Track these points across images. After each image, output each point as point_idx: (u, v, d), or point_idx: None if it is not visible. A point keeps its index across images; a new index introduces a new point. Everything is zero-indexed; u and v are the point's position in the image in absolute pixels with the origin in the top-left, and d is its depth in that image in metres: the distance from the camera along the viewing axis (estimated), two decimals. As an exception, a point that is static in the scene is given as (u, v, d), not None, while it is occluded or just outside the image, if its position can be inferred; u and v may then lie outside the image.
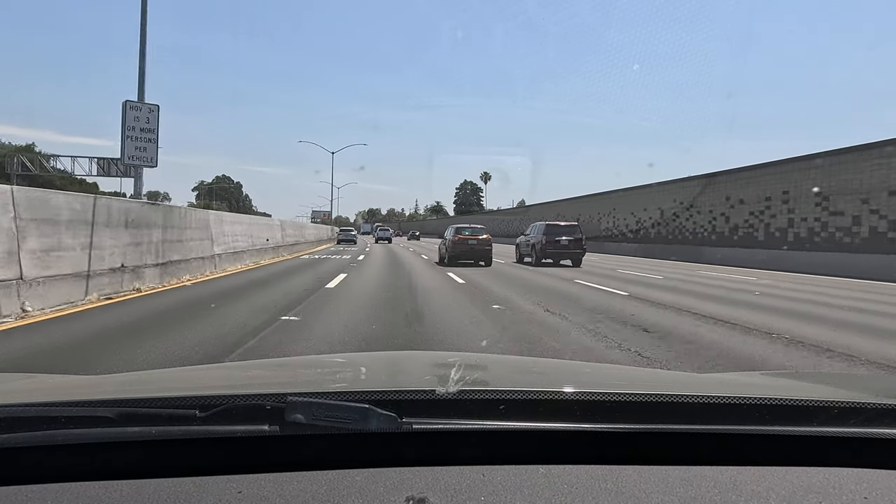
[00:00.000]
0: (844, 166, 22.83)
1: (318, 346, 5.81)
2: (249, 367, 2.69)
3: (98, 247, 9.20)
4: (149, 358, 5.09)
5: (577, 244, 22.78)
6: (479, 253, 20.94)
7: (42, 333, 6.31)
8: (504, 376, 1.89)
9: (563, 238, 22.63)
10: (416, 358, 2.73)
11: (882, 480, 1.07)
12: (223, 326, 6.81)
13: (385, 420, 1.07)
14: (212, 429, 1.07)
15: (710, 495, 1.00)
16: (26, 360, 5.16)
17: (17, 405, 1.17)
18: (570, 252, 22.63)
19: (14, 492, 0.97)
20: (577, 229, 23.66)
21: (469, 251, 20.91)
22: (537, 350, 5.94)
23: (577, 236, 23.02)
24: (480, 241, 21.16)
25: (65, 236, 8.39)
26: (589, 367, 3.03)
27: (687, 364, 5.41)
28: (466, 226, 22.80)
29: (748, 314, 8.88)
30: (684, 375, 2.45)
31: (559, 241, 22.54)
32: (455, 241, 20.98)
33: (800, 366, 5.52)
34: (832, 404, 1.22)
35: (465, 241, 21.04)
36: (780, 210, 26.44)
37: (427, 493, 0.97)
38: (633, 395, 1.26)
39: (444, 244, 22.15)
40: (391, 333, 6.56)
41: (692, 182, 34.21)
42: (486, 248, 21.04)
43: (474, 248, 20.96)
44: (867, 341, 6.78)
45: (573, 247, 22.72)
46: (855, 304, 10.89)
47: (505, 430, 1.13)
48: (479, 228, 22.28)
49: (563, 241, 22.53)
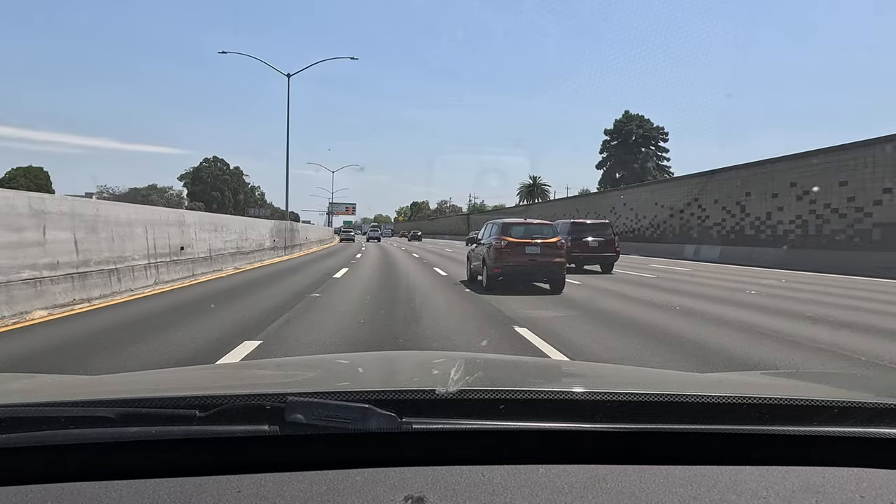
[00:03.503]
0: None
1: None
2: (249, 367, 2.69)
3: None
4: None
5: (609, 246, 18.50)
6: (544, 268, 12.51)
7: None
8: (504, 376, 1.89)
9: (591, 238, 18.91)
10: (415, 358, 2.73)
11: (881, 480, 1.07)
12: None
13: (385, 420, 1.07)
14: (212, 429, 1.07)
15: (710, 495, 1.00)
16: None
17: (17, 405, 1.17)
18: (600, 256, 18.54)
19: (14, 492, 0.97)
20: (607, 229, 19.53)
21: (529, 266, 12.36)
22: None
23: (609, 236, 19.17)
24: (548, 247, 12.49)
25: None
26: (589, 367, 3.04)
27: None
28: (521, 221, 14.11)
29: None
30: (684, 375, 2.45)
31: (586, 241, 18.75)
32: (504, 249, 12.23)
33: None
34: (832, 404, 1.22)
35: (519, 249, 12.30)
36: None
37: (426, 493, 0.97)
38: (633, 395, 1.26)
39: (480, 253, 13.40)
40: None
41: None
42: (557, 260, 12.53)
43: (537, 262, 12.38)
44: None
45: (604, 249, 18.58)
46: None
47: (505, 430, 1.13)
48: (544, 227, 13.54)
49: (590, 243, 18.75)
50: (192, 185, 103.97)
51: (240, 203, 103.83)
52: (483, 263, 12.93)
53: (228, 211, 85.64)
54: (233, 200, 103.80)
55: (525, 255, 12.26)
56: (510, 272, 12.29)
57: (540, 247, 12.38)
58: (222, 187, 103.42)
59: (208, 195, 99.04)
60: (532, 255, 12.32)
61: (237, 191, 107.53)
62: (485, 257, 12.77)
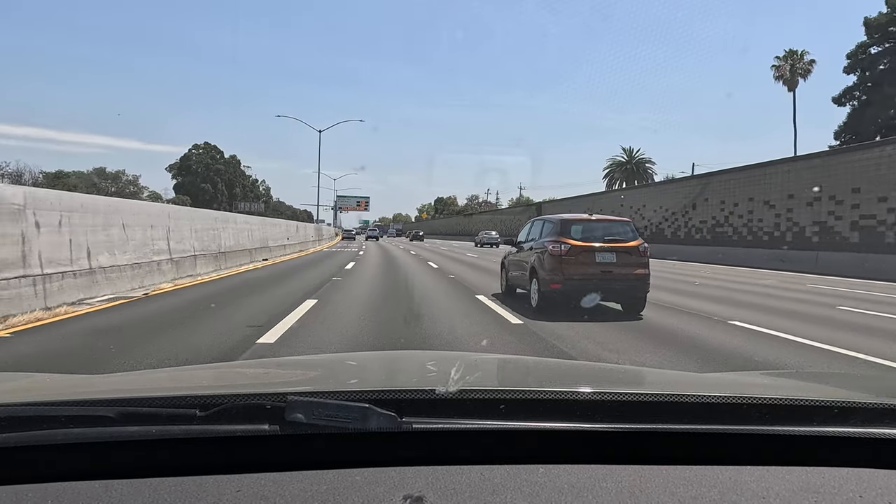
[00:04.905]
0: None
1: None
2: (249, 366, 2.69)
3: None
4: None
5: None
6: (622, 283, 9.03)
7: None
8: (504, 376, 1.89)
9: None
10: (415, 357, 2.73)
11: (881, 480, 1.07)
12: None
13: (385, 419, 1.07)
14: (212, 428, 1.07)
15: (710, 495, 1.00)
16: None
17: (17, 404, 1.17)
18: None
19: (14, 492, 0.97)
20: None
21: (601, 280, 8.89)
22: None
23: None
24: (627, 254, 9.06)
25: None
26: (589, 367, 3.04)
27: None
28: (584, 218, 9.70)
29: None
30: (684, 375, 2.46)
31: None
32: (565, 257, 8.91)
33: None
34: (832, 404, 1.22)
35: (587, 256, 8.95)
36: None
37: (426, 493, 0.97)
38: (633, 395, 1.26)
39: (524, 260, 10.10)
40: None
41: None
42: (638, 271, 9.05)
43: (613, 275, 8.94)
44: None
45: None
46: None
47: (505, 430, 1.13)
48: (618, 225, 9.73)
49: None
50: (178, 175, 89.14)
51: (236, 197, 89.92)
52: (531, 275, 9.46)
53: (222, 207, 72.83)
54: (227, 195, 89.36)
55: (595, 266, 8.86)
56: (574, 288, 8.75)
57: (616, 253, 8.99)
58: (215, 178, 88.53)
59: (197, 187, 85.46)
60: (605, 264, 8.89)
61: (233, 183, 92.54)
62: (534, 266, 9.35)
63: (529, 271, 9.71)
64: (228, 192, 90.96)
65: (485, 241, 50.41)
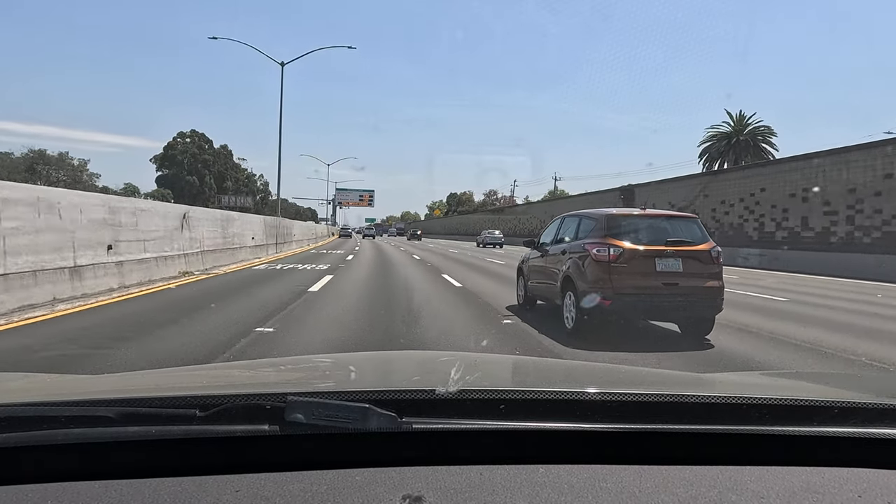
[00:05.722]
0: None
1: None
2: (249, 366, 2.68)
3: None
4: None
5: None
6: (690, 298, 6.67)
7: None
8: (504, 376, 1.90)
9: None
10: (415, 357, 2.73)
11: (881, 480, 1.08)
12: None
13: (385, 420, 1.07)
14: (212, 428, 1.07)
15: (710, 495, 1.00)
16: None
17: (16, 405, 1.16)
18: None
19: (14, 492, 0.97)
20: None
21: (663, 295, 6.63)
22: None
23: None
24: (695, 260, 6.73)
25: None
26: (589, 368, 3.03)
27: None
28: (637, 213, 7.36)
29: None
30: (684, 375, 2.47)
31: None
32: (615, 264, 6.56)
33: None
34: (832, 404, 1.23)
35: (645, 263, 6.62)
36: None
37: (425, 493, 0.97)
38: (633, 395, 1.26)
39: (553, 266, 7.85)
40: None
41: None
42: (710, 284, 6.70)
43: (679, 287, 6.61)
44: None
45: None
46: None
47: (505, 430, 1.13)
48: (682, 223, 7.17)
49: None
50: (162, 167, 79.43)
51: (227, 191, 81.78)
52: (564, 286, 7.23)
53: (211, 201, 68.95)
54: (216, 188, 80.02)
55: (656, 276, 6.59)
56: (628, 306, 6.65)
57: (682, 259, 6.65)
58: (202, 170, 78.83)
59: (182, 180, 76.15)
60: (669, 273, 6.62)
61: (223, 176, 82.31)
62: (569, 276, 7.09)
63: (562, 281, 7.32)
64: (218, 185, 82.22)
65: (487, 241, 48.71)
